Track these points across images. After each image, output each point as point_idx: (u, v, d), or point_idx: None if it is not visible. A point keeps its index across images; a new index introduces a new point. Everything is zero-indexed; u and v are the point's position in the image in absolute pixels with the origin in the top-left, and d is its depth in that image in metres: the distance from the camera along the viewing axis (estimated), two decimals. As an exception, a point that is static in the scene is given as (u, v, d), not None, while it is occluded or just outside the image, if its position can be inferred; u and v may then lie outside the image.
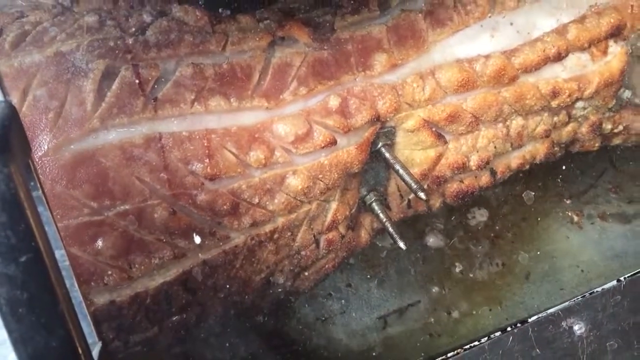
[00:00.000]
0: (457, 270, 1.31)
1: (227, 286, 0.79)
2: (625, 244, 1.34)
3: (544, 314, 0.64)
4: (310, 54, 0.81)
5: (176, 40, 0.74)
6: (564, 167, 1.39)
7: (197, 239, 0.68)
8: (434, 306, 1.25)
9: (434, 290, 1.29)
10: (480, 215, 1.37)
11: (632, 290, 0.63)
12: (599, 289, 0.65)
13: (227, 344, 0.99)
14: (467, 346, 0.65)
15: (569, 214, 1.39)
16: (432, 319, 1.24)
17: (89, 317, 0.44)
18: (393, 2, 0.92)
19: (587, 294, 0.64)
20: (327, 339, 1.20)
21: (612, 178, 1.45)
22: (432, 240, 1.36)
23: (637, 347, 0.62)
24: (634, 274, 0.65)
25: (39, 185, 0.41)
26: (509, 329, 0.63)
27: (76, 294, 0.44)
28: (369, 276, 1.28)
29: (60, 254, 0.43)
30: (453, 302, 1.26)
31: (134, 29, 0.73)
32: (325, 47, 0.83)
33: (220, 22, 0.80)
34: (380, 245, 1.30)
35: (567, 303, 0.63)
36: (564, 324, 0.61)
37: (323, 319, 1.21)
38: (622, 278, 0.65)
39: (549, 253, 1.33)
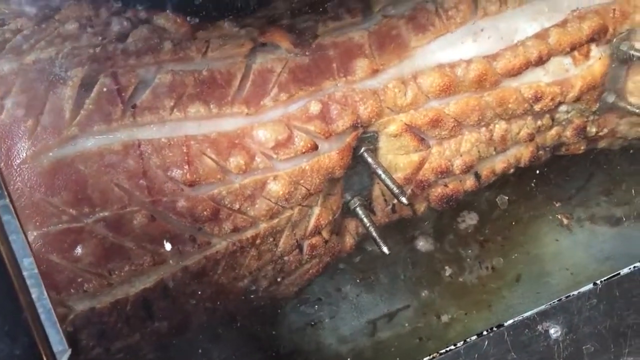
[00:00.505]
0: (447, 274, 1.32)
1: (210, 292, 0.79)
2: (615, 247, 1.34)
3: (519, 317, 0.64)
4: (291, 60, 0.82)
5: (156, 48, 0.74)
6: (553, 171, 1.39)
7: (168, 246, 0.68)
8: (423, 310, 1.25)
9: (423, 294, 1.29)
10: (470, 219, 1.37)
11: (609, 294, 0.63)
12: (575, 293, 0.65)
13: (214, 350, 0.99)
14: (443, 350, 0.65)
15: (559, 217, 1.39)
16: (422, 323, 1.24)
17: (58, 325, 0.44)
18: (375, 8, 0.92)
19: (563, 298, 0.64)
20: (316, 343, 1.20)
21: (602, 181, 1.45)
22: (422, 244, 1.36)
23: (613, 351, 0.62)
24: (611, 277, 0.65)
25: (5, 193, 0.41)
26: (484, 332, 0.64)
27: (45, 302, 0.44)
28: (358, 280, 1.28)
29: (28, 261, 0.43)
30: (442, 306, 1.26)
31: (114, 37, 0.74)
32: (306, 53, 0.84)
33: (201, 29, 0.81)
34: (369, 249, 1.30)
35: (543, 306, 0.63)
36: (539, 327, 0.62)
37: (313, 323, 1.21)
38: (598, 281, 0.65)
39: (539, 256, 1.33)
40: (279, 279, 0.87)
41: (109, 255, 0.68)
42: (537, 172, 1.29)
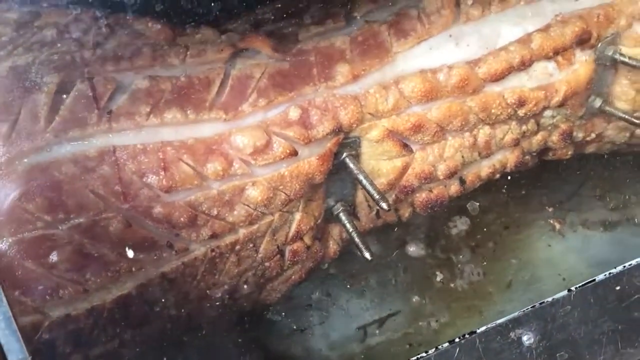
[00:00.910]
0: (438, 279, 1.31)
1: (189, 298, 0.79)
2: (608, 252, 1.33)
3: (492, 324, 0.63)
4: (271, 66, 0.82)
5: (134, 53, 0.75)
6: (545, 175, 1.39)
7: (130, 253, 0.68)
8: (414, 316, 1.25)
9: (414, 299, 1.28)
10: (461, 224, 1.37)
11: (583, 300, 0.63)
12: (549, 299, 0.64)
13: (198, 357, 0.99)
14: (414, 358, 0.65)
15: (551, 222, 1.38)
16: (412, 329, 1.24)
17: (18, 333, 0.44)
18: (358, 14, 0.92)
19: (537, 304, 0.64)
20: (306, 349, 1.19)
21: (595, 186, 1.44)
22: (413, 250, 1.36)
23: (587, 358, 0.61)
24: (585, 283, 0.65)
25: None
26: (456, 340, 0.63)
27: (5, 309, 0.44)
28: (348, 286, 1.28)
29: (-14, 268, 0.43)
30: (433, 311, 1.26)
31: (92, 43, 0.74)
32: (287, 59, 0.84)
33: (181, 35, 0.81)
34: (360, 254, 1.29)
35: (516, 313, 0.62)
36: (512, 334, 0.61)
37: (302, 329, 1.21)
38: (572, 288, 0.65)
39: (531, 262, 1.33)
40: (260, 285, 0.87)
41: (85, 261, 0.68)
42: (529, 176, 1.29)
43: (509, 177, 1.16)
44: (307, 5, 0.91)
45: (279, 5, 0.89)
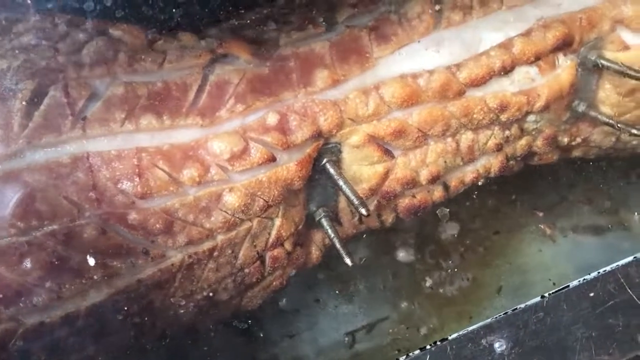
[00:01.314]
0: (427, 285, 1.31)
1: (167, 305, 0.79)
2: (598, 257, 1.32)
3: (463, 331, 0.63)
4: (249, 71, 0.82)
5: (110, 59, 0.75)
6: (535, 180, 1.38)
7: (92, 261, 0.68)
8: (403, 322, 1.24)
9: (403, 305, 1.28)
10: (451, 229, 1.36)
11: (556, 307, 0.62)
12: (522, 306, 0.64)
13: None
14: (384, 366, 0.64)
15: (542, 227, 1.38)
16: (401, 335, 1.23)
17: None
18: (339, 19, 0.92)
19: (509, 311, 0.63)
20: (294, 356, 1.19)
21: (584, 190, 1.44)
22: (402, 255, 1.35)
23: (560, 365, 0.61)
24: (558, 290, 0.64)
25: None
26: (427, 346, 0.63)
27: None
28: (337, 291, 1.27)
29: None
30: (422, 317, 1.25)
31: (68, 49, 0.74)
32: (266, 64, 0.84)
33: (159, 40, 0.81)
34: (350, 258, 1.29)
35: (488, 320, 0.62)
36: (483, 341, 0.61)
37: (290, 335, 1.20)
38: (546, 294, 0.64)
39: (521, 267, 1.32)
40: (240, 292, 0.87)
41: (59, 268, 0.68)
42: (519, 181, 1.28)
43: (499, 182, 1.16)
44: (287, 10, 0.91)
45: (259, 11, 0.89)
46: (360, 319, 1.26)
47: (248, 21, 0.89)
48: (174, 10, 0.81)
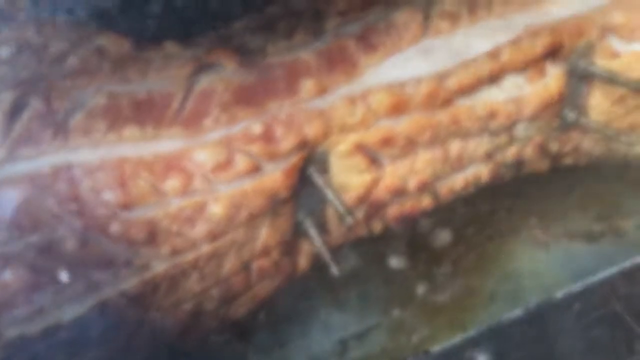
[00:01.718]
0: (420, 292, 1.30)
1: (151, 316, 0.78)
2: (592, 263, 1.31)
3: (446, 344, 0.62)
4: (235, 81, 0.81)
5: (94, 69, 0.74)
6: (529, 186, 1.38)
7: (73, 272, 0.67)
8: (394, 330, 1.23)
9: (394, 313, 1.27)
10: (444, 236, 1.36)
11: (539, 319, 0.61)
12: (505, 318, 0.63)
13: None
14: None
15: (535, 233, 1.37)
16: (393, 343, 1.23)
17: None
18: (327, 27, 0.92)
19: (492, 323, 0.63)
20: (285, 364, 1.18)
21: (578, 197, 1.43)
22: (394, 262, 1.34)
23: (544, 378, 0.60)
24: (542, 302, 0.64)
25: None
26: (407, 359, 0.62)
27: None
28: (329, 299, 1.27)
29: None
30: (414, 325, 1.25)
31: (51, 58, 0.74)
32: (252, 73, 0.83)
33: (144, 50, 0.81)
34: (340, 267, 1.28)
35: (471, 332, 0.61)
36: (466, 354, 0.60)
37: (281, 344, 1.19)
38: (530, 306, 0.63)
39: (514, 274, 1.31)
40: (226, 302, 0.86)
41: (39, 280, 0.68)
42: (512, 187, 1.28)
43: (491, 189, 1.15)
44: (274, 19, 0.91)
45: (245, 20, 0.88)
46: (352, 327, 1.25)
47: (234, 30, 0.88)
48: (159, 19, 0.81)
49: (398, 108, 0.87)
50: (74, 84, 0.72)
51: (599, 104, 1.03)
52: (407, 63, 0.90)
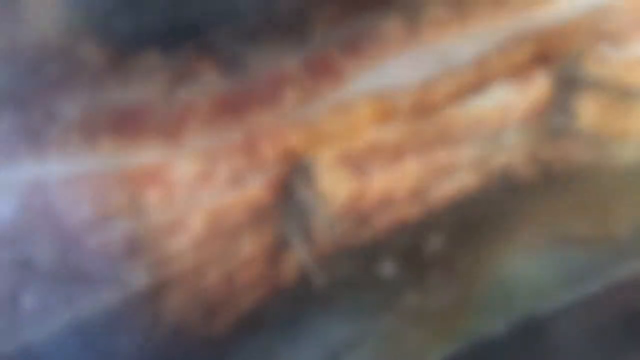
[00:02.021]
0: (411, 299, 1.28)
1: (133, 332, 0.77)
2: (585, 269, 1.31)
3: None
4: (216, 90, 0.80)
5: (71, 80, 0.73)
6: (520, 193, 1.37)
7: (49, 289, 0.66)
8: (385, 338, 1.22)
9: (386, 320, 1.26)
10: (434, 242, 1.34)
11: (522, 337, 0.60)
12: (486, 336, 0.62)
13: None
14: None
15: (528, 238, 1.36)
16: (383, 352, 1.22)
17: None
18: (311, 36, 0.91)
19: (474, 341, 0.61)
20: (273, 375, 1.17)
21: (571, 202, 1.42)
22: (385, 269, 1.33)
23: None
24: (526, 318, 0.63)
25: None
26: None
27: None
28: (318, 308, 1.25)
29: None
30: (406, 333, 1.24)
31: (26, 69, 0.72)
32: (234, 83, 0.82)
33: (123, 60, 0.79)
34: (328, 274, 1.27)
35: (451, 350, 0.60)
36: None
37: (269, 353, 1.18)
38: (512, 323, 0.62)
39: (507, 279, 1.30)
40: (210, 314, 0.85)
41: (14, 298, 0.66)
42: (504, 193, 1.27)
43: (483, 195, 1.14)
44: (257, 27, 0.89)
45: (228, 29, 0.87)
46: (342, 336, 1.24)
47: (216, 39, 0.87)
48: (138, 28, 0.80)
49: (384, 116, 0.86)
50: (50, 96, 0.71)
51: (589, 110, 1.02)
52: (393, 71, 0.89)
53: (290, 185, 0.86)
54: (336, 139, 0.85)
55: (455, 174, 0.98)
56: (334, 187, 0.90)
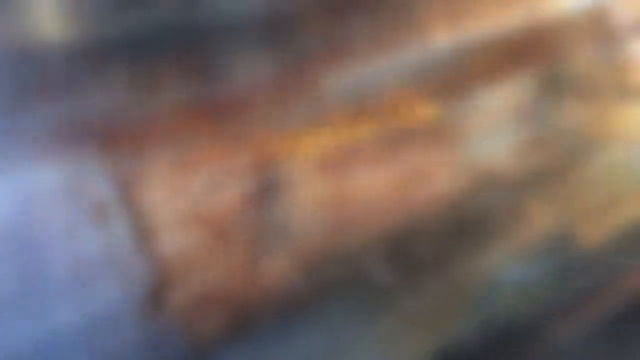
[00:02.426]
0: (403, 302, 1.28)
1: (125, 334, 0.76)
2: (578, 274, 1.31)
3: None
4: (193, 100, 0.80)
5: (48, 91, 0.73)
6: (509, 194, 1.36)
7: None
8: (377, 342, 1.22)
9: (378, 324, 1.26)
10: (425, 245, 1.34)
11: (511, 337, 0.59)
12: (476, 336, 0.61)
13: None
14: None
15: (522, 240, 1.36)
16: (377, 356, 1.21)
17: None
18: (287, 43, 0.91)
19: (465, 342, 0.61)
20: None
21: (561, 203, 1.42)
22: (376, 273, 1.33)
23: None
24: (499, 337, 0.62)
25: None
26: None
27: None
28: (307, 315, 1.25)
29: None
30: (398, 336, 1.23)
31: (4, 77, 0.73)
32: (211, 91, 0.82)
33: (104, 71, 0.79)
34: (317, 280, 1.27)
35: (443, 351, 0.59)
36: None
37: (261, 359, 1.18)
38: (499, 324, 0.61)
39: (500, 283, 1.30)
40: (188, 329, 0.84)
41: (19, 297, 0.66)
42: (497, 194, 1.27)
43: (474, 196, 1.14)
44: (235, 37, 0.90)
45: (206, 38, 0.87)
46: (335, 340, 1.24)
47: (194, 47, 0.87)
48: (117, 36, 0.80)
49: (360, 122, 0.86)
50: (20, 107, 0.71)
51: (571, 110, 1.02)
52: (368, 76, 0.89)
53: (268, 191, 0.86)
54: (312, 145, 0.85)
55: (441, 176, 0.98)
56: (312, 192, 0.90)
